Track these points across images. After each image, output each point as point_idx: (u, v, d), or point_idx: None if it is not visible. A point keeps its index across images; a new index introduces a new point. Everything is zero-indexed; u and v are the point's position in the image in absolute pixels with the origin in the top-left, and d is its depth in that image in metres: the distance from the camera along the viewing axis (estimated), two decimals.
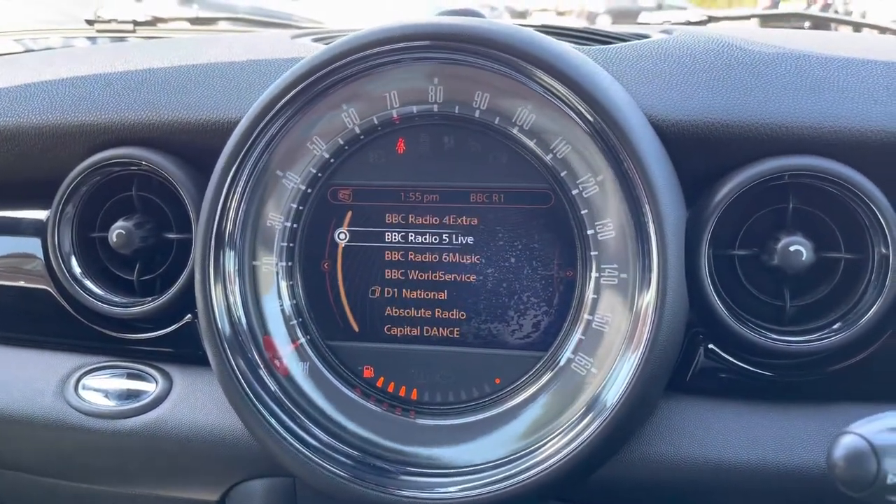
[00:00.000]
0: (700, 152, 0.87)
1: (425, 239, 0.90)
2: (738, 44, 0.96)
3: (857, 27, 2.36)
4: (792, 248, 0.82)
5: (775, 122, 0.85)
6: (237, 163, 0.87)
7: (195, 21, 1.87)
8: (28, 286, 1.07)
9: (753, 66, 0.92)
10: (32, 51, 1.73)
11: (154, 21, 1.72)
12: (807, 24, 1.97)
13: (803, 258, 0.82)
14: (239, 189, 0.88)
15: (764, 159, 0.85)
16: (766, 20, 1.96)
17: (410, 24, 0.82)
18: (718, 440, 0.86)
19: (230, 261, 0.89)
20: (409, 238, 0.90)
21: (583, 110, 0.80)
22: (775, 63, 0.92)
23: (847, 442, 0.54)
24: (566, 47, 0.83)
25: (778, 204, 0.87)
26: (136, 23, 1.69)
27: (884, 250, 0.82)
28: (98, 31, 1.72)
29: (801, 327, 0.86)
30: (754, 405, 0.88)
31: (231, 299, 0.90)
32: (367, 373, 0.92)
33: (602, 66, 0.89)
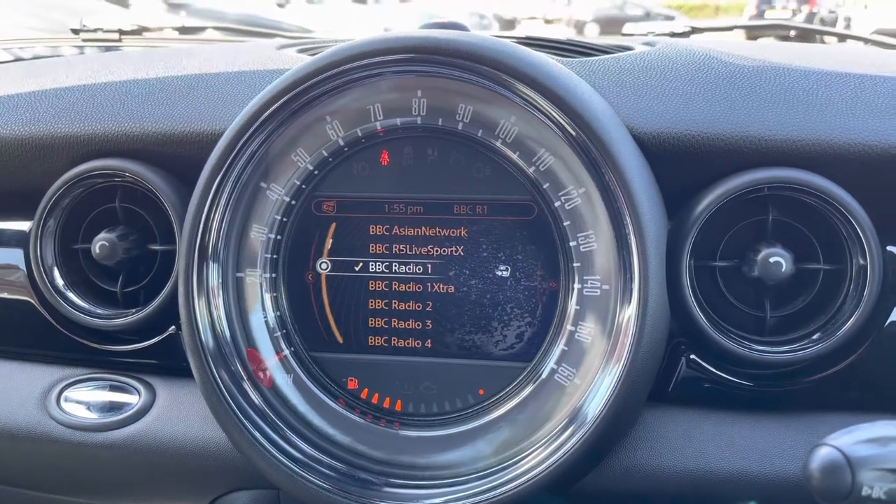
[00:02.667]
0: (681, 164, 0.88)
1: (409, 250, 0.90)
2: (719, 56, 0.97)
3: (842, 38, 2.39)
4: (772, 260, 0.83)
5: (755, 134, 0.86)
6: (220, 175, 0.87)
7: (182, 30, 1.87)
8: (10, 297, 1.06)
9: (734, 78, 0.93)
10: (22, 59, 1.73)
11: (140, 30, 1.72)
12: (792, 33, 2.00)
13: (783, 269, 0.83)
14: (222, 201, 0.88)
15: (744, 171, 0.86)
16: (751, 31, 1.98)
17: (393, 37, 0.82)
18: (700, 450, 0.87)
19: (214, 273, 0.89)
20: (393, 250, 0.90)
21: (564, 123, 0.81)
22: (756, 76, 0.93)
23: (823, 454, 0.54)
24: (547, 60, 0.84)
25: (758, 216, 0.88)
26: (121, 32, 1.68)
27: (861, 261, 0.83)
28: (84, 40, 1.72)
29: (782, 338, 0.87)
30: (735, 415, 0.89)
31: (215, 312, 0.89)
32: (352, 384, 0.92)
33: (584, 78, 0.90)
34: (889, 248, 0.86)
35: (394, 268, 0.90)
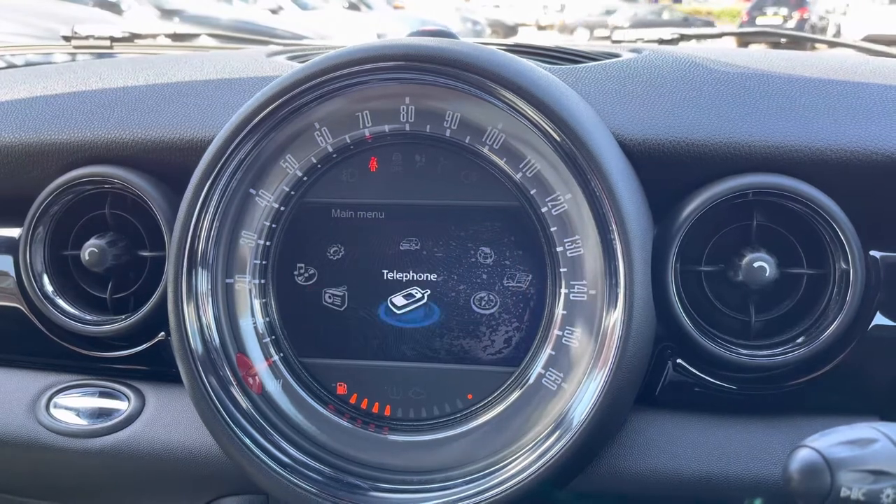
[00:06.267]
0: (667, 170, 0.89)
1: (398, 255, 0.90)
2: (704, 63, 0.98)
3: (831, 45, 2.41)
4: (756, 265, 0.84)
5: (739, 140, 0.87)
6: (210, 181, 0.87)
7: (173, 37, 1.87)
8: None
9: (719, 85, 0.94)
10: (14, 66, 1.73)
11: (131, 37, 1.71)
12: (782, 40, 2.01)
13: (767, 274, 0.84)
14: (212, 208, 0.88)
15: (728, 177, 0.87)
16: (740, 38, 1.99)
17: (381, 45, 0.83)
18: (686, 453, 0.88)
19: (203, 279, 0.90)
20: (382, 254, 0.91)
21: (550, 130, 0.82)
22: (740, 83, 0.94)
23: (802, 456, 0.55)
24: (533, 67, 0.84)
25: (743, 221, 0.89)
26: (112, 39, 1.68)
27: (844, 266, 0.84)
28: (75, 47, 1.72)
29: (767, 341, 0.88)
30: (722, 418, 0.89)
31: (204, 318, 0.90)
32: (341, 389, 0.92)
33: (571, 85, 0.90)
34: (872, 252, 0.87)
35: (382, 273, 0.91)
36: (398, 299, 0.90)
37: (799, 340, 0.86)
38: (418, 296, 0.90)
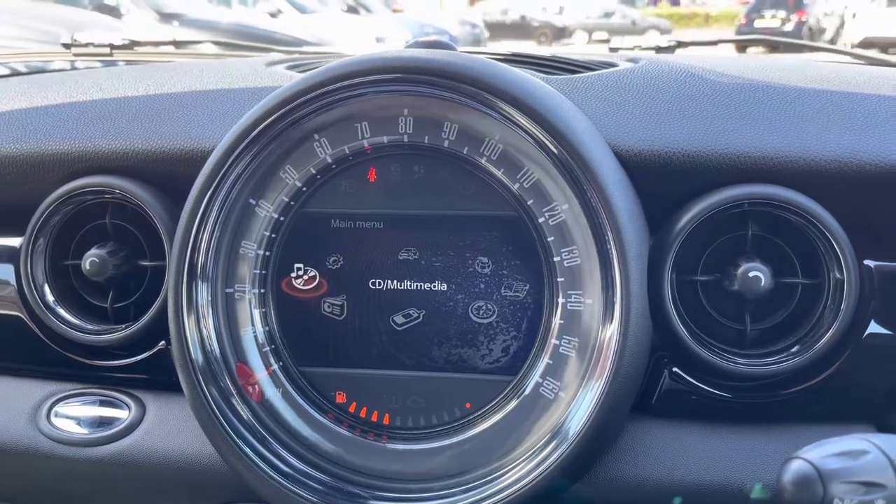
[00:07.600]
0: (662, 181, 0.90)
1: (396, 265, 0.91)
2: (700, 73, 0.99)
3: (827, 52, 2.42)
4: (751, 274, 0.85)
5: (734, 151, 0.88)
6: (210, 193, 0.88)
7: (174, 44, 1.88)
8: (0, 313, 1.07)
9: (715, 95, 0.95)
10: (17, 72, 1.73)
11: (131, 45, 1.72)
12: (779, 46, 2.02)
13: (762, 284, 0.84)
14: (212, 218, 0.89)
15: (724, 188, 0.87)
16: (737, 45, 1.99)
17: (378, 57, 0.84)
18: (682, 461, 0.88)
19: (203, 290, 0.90)
20: (380, 265, 0.91)
21: (546, 141, 0.82)
22: (736, 93, 0.95)
23: (795, 467, 0.56)
24: (530, 79, 0.85)
25: (738, 231, 0.90)
26: (112, 47, 1.69)
27: (838, 275, 0.84)
28: (75, 54, 1.73)
29: (762, 350, 0.89)
30: (718, 427, 0.90)
31: (204, 329, 0.90)
32: (340, 398, 0.93)
33: (567, 95, 0.91)
34: (866, 261, 0.88)
35: (380, 283, 0.91)
36: (398, 318, 0.91)
37: (794, 349, 0.87)
38: (415, 315, 0.91)
